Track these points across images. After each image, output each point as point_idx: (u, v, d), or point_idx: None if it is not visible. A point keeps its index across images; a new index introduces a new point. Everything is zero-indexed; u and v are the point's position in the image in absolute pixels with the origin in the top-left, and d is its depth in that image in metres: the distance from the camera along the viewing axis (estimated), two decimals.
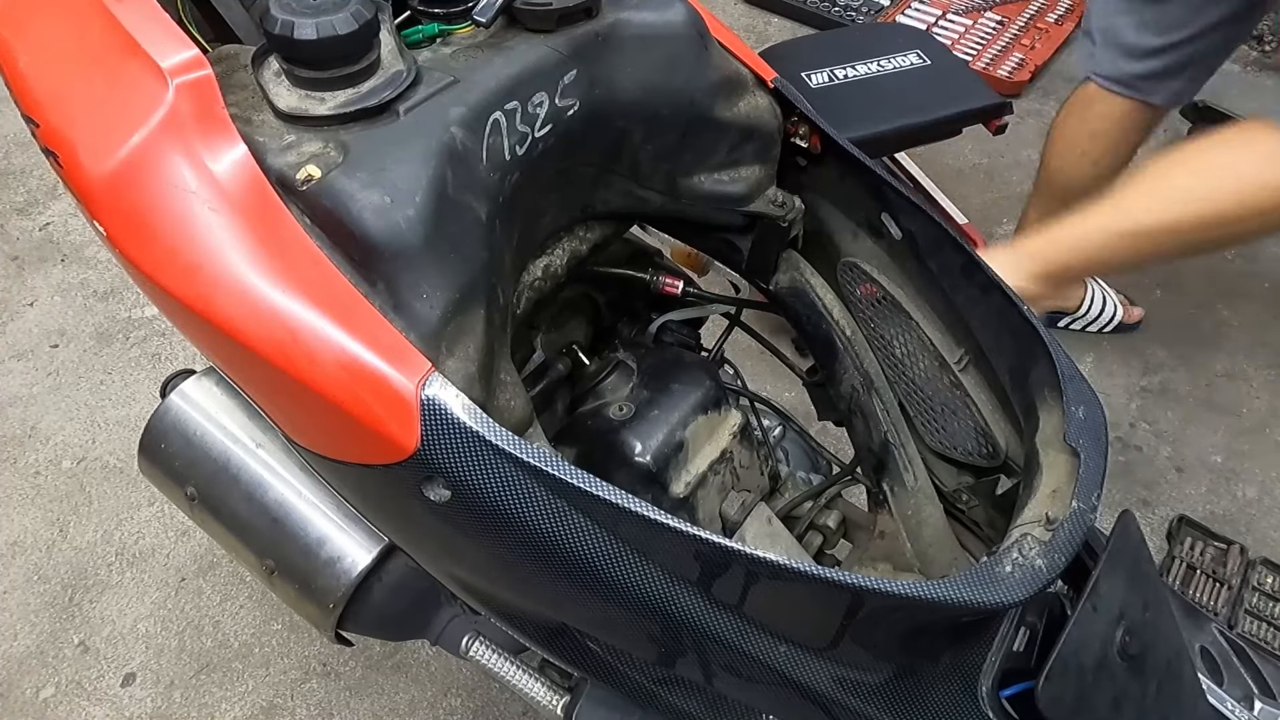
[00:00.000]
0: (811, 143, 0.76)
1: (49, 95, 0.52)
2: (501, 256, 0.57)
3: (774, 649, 0.56)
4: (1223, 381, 1.76)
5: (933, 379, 0.78)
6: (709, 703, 0.62)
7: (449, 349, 0.49)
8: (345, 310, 0.47)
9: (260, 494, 0.76)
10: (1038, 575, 0.53)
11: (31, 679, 1.31)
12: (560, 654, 0.62)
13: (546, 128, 0.59)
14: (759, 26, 2.50)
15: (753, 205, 0.76)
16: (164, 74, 0.49)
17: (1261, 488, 1.61)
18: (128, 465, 1.53)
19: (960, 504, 0.78)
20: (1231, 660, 0.93)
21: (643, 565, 0.50)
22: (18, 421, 1.60)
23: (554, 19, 0.59)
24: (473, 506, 0.48)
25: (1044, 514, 0.58)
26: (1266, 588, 1.45)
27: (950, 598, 0.50)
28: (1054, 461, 0.61)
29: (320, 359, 0.47)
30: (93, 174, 0.49)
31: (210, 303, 0.47)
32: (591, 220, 0.73)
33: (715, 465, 0.78)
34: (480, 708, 1.32)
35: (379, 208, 0.47)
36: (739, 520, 0.79)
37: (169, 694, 1.31)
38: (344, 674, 1.33)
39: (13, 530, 1.46)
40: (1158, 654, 0.64)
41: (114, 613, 1.38)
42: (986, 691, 0.59)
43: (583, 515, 0.48)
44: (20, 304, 1.79)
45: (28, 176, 2.02)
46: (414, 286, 0.48)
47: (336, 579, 0.73)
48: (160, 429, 0.80)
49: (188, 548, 1.45)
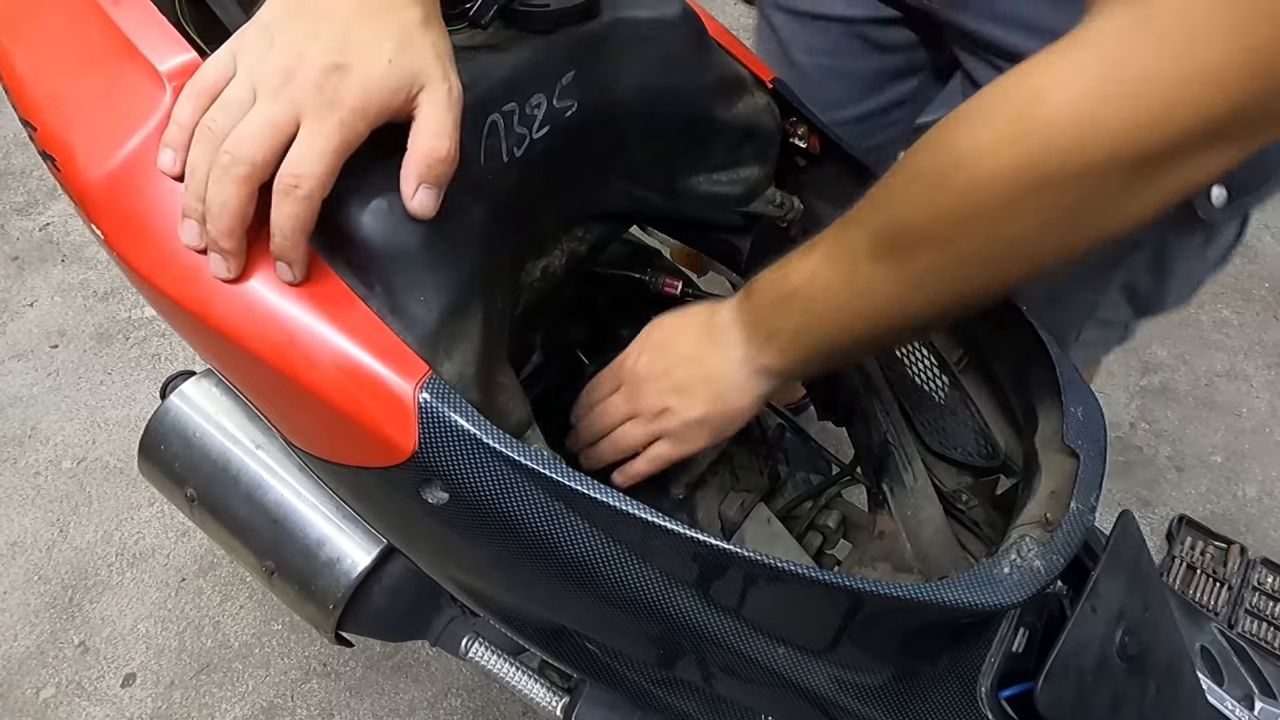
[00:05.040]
0: (811, 143, 0.75)
1: (46, 98, 0.52)
2: (499, 258, 0.57)
3: (773, 651, 0.56)
4: (1223, 381, 1.76)
5: (932, 379, 0.78)
6: (708, 703, 0.62)
7: (446, 351, 0.49)
8: (343, 313, 0.47)
9: (260, 495, 0.76)
10: (1036, 577, 0.53)
11: (31, 679, 1.31)
12: (559, 656, 0.62)
13: (544, 129, 0.59)
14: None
15: (752, 205, 0.76)
16: (161, 77, 0.49)
17: (1261, 488, 1.61)
18: (128, 465, 1.53)
19: (960, 504, 0.78)
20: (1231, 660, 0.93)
21: (641, 568, 0.50)
22: (18, 421, 1.60)
23: (552, 20, 0.59)
24: (470, 509, 0.48)
25: (1043, 515, 0.58)
26: (1266, 588, 1.45)
27: (948, 600, 0.50)
28: (1053, 462, 0.61)
29: (318, 362, 0.47)
30: (90, 177, 0.49)
31: (208, 306, 0.47)
32: (590, 221, 0.73)
33: (714, 466, 0.78)
34: (480, 708, 1.32)
35: (376, 210, 0.47)
36: (738, 521, 0.79)
37: (169, 694, 1.31)
38: (344, 674, 1.33)
39: (13, 530, 1.46)
40: (1157, 654, 0.64)
41: (114, 613, 1.39)
42: (985, 692, 0.59)
43: (581, 518, 0.48)
44: (20, 304, 1.79)
45: (28, 176, 2.02)
46: (411, 289, 0.48)
47: (336, 580, 0.73)
48: (160, 430, 0.80)
49: (188, 548, 1.45)
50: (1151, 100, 0.42)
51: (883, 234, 0.52)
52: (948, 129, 0.49)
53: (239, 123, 0.44)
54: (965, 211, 0.48)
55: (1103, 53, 0.43)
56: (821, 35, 0.95)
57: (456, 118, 0.47)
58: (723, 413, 0.64)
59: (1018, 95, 0.46)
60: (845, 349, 0.59)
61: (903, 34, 0.91)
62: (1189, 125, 0.42)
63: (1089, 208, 0.46)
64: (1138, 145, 0.43)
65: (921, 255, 0.51)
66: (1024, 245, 0.49)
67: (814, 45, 0.95)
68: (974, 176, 0.47)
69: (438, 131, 0.46)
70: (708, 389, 0.63)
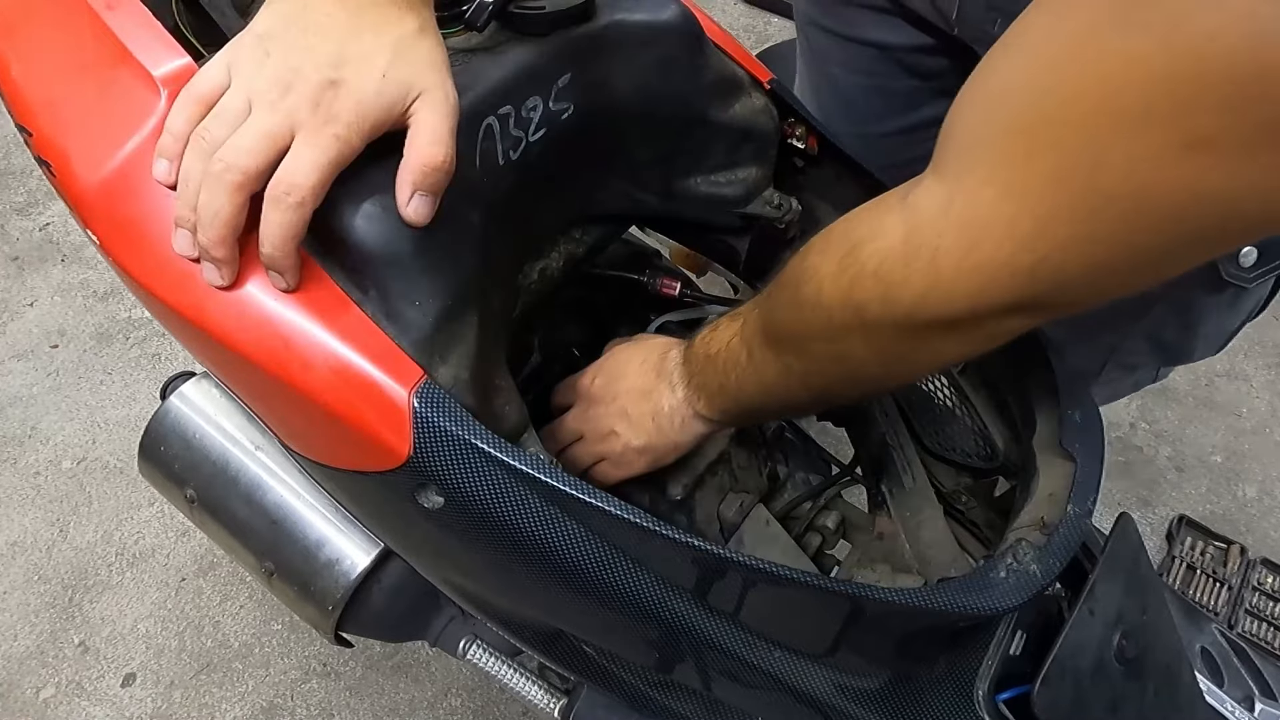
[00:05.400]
0: (809, 144, 0.75)
1: (41, 104, 0.52)
2: (495, 262, 0.57)
3: (769, 654, 0.56)
4: (1223, 381, 1.76)
5: (930, 381, 0.78)
6: (705, 706, 0.62)
7: (442, 355, 0.49)
8: (337, 318, 0.47)
9: (259, 496, 0.76)
10: (1032, 581, 0.53)
11: (31, 679, 1.32)
12: (556, 658, 0.62)
13: (540, 132, 0.59)
14: (759, 27, 2.50)
15: (750, 207, 0.76)
16: (155, 82, 0.49)
17: (1261, 488, 1.61)
18: (128, 465, 1.53)
19: (959, 505, 0.78)
20: (1231, 660, 0.93)
21: (637, 572, 0.50)
22: (18, 421, 1.60)
23: (547, 23, 0.59)
24: (466, 513, 0.48)
25: (1040, 518, 0.58)
26: (1266, 588, 1.45)
27: (944, 604, 0.50)
28: (1051, 465, 0.61)
29: (313, 366, 0.47)
30: (86, 183, 0.49)
31: (202, 311, 0.47)
32: (588, 223, 0.73)
33: (713, 466, 0.78)
34: (480, 708, 1.32)
35: (371, 214, 0.47)
36: (737, 522, 0.79)
37: (169, 694, 1.31)
38: (344, 674, 1.33)
39: (13, 530, 1.46)
40: (1155, 657, 0.64)
41: (114, 613, 1.39)
42: (983, 695, 0.59)
43: (577, 522, 0.48)
44: (20, 304, 1.79)
45: (28, 176, 2.02)
46: (406, 293, 0.48)
47: (335, 581, 0.73)
48: (160, 431, 0.80)
49: (188, 548, 1.45)
50: (941, 278, 0.44)
51: (765, 325, 0.57)
52: (811, 247, 0.53)
53: (234, 133, 0.44)
54: (811, 325, 0.52)
55: (912, 222, 0.45)
56: (858, 56, 0.95)
57: (453, 126, 0.47)
58: (663, 444, 0.67)
59: (848, 238, 0.49)
60: (759, 409, 0.64)
61: (938, 61, 0.90)
62: (974, 305, 0.44)
63: (905, 348, 0.49)
64: (932, 311, 0.45)
65: (788, 351, 0.56)
66: (863, 367, 0.52)
67: (851, 64, 0.95)
68: (814, 298, 0.51)
69: (433, 139, 0.46)
70: (652, 422, 0.66)
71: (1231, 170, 0.34)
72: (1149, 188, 0.36)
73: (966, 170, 0.42)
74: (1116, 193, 0.37)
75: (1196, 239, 0.39)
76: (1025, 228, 0.40)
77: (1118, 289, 0.43)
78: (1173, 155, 0.35)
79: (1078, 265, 0.40)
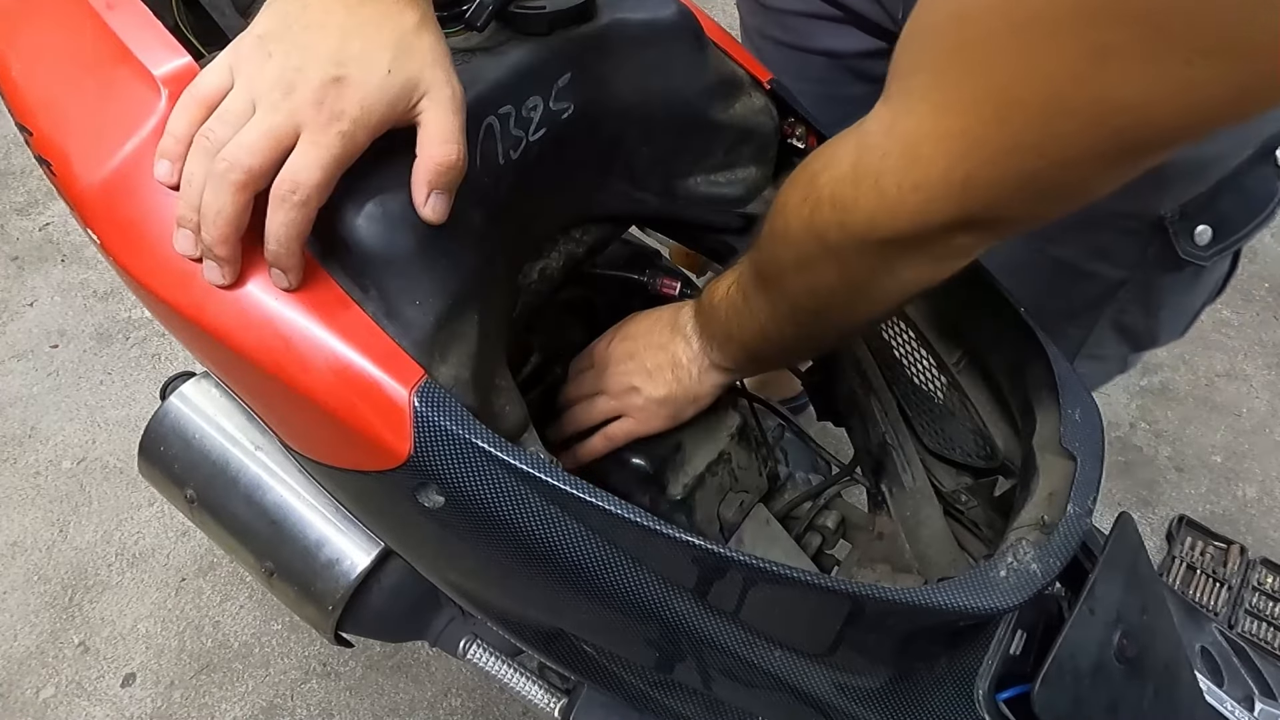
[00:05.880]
0: (809, 144, 0.75)
1: (41, 103, 0.52)
2: (495, 261, 0.57)
3: (770, 654, 0.56)
4: (1223, 381, 1.76)
5: (931, 380, 0.77)
6: (706, 706, 0.62)
7: (442, 355, 0.49)
8: (338, 317, 0.47)
9: (259, 496, 0.76)
10: (1032, 580, 0.53)
11: (31, 679, 1.32)
12: (556, 658, 0.62)
13: (541, 131, 0.59)
14: None
15: (750, 207, 0.76)
16: (156, 81, 0.49)
17: (1261, 488, 1.61)
18: (128, 465, 1.53)
19: (959, 505, 0.78)
20: (1231, 660, 0.93)
21: (637, 571, 0.50)
22: (18, 421, 1.60)
23: (548, 22, 0.59)
24: (466, 513, 0.48)
25: (1040, 518, 0.58)
26: (1266, 588, 1.45)
27: (944, 604, 0.50)
28: (1050, 465, 0.61)
29: (313, 366, 0.47)
30: (86, 182, 0.49)
31: (203, 310, 0.47)
32: (588, 223, 0.73)
33: (713, 466, 0.78)
34: (480, 708, 1.32)
35: (371, 214, 0.47)
36: (737, 521, 0.79)
37: (169, 694, 1.31)
38: (344, 674, 1.33)
39: (13, 530, 1.46)
40: (1155, 657, 0.64)
41: (114, 613, 1.39)
42: (983, 695, 0.59)
43: (577, 522, 0.48)
44: (20, 304, 1.79)
45: (28, 176, 2.02)
46: (406, 293, 0.48)
47: (335, 581, 0.73)
48: (160, 431, 0.80)
49: (188, 548, 1.45)
50: (886, 197, 0.46)
51: (755, 267, 0.59)
52: (783, 184, 0.55)
53: (237, 133, 0.44)
54: (784, 259, 0.55)
55: (860, 144, 0.48)
56: (809, 66, 0.96)
57: (462, 122, 0.48)
58: (683, 395, 0.70)
59: (809, 169, 0.52)
60: (762, 354, 0.66)
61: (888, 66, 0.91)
62: (918, 222, 0.46)
63: (867, 272, 0.51)
64: (882, 231, 0.47)
65: (772, 288, 0.58)
66: (834, 295, 0.54)
67: (802, 74, 0.96)
68: (784, 231, 0.54)
69: (445, 137, 0.47)
70: (672, 373, 0.69)
71: (1139, 79, 0.35)
72: (1064, 98, 0.38)
73: (906, 93, 0.45)
74: (1035, 103, 0.39)
75: (1116, 149, 0.40)
76: (956, 142, 0.42)
77: (1054, 204, 0.45)
78: (1084, 66, 0.36)
79: (1008, 178, 0.42)
